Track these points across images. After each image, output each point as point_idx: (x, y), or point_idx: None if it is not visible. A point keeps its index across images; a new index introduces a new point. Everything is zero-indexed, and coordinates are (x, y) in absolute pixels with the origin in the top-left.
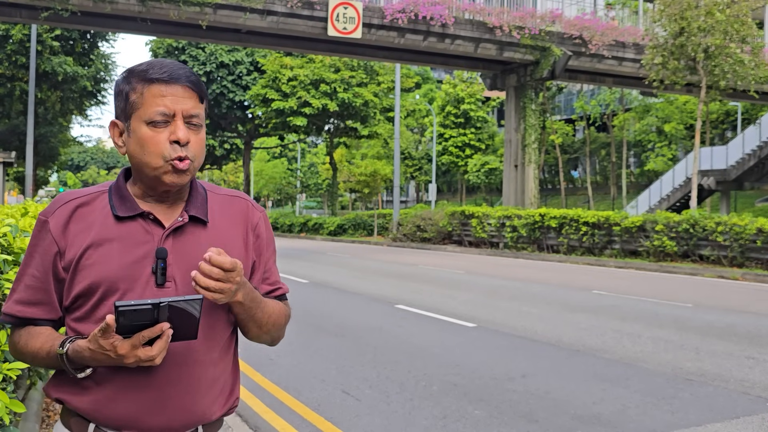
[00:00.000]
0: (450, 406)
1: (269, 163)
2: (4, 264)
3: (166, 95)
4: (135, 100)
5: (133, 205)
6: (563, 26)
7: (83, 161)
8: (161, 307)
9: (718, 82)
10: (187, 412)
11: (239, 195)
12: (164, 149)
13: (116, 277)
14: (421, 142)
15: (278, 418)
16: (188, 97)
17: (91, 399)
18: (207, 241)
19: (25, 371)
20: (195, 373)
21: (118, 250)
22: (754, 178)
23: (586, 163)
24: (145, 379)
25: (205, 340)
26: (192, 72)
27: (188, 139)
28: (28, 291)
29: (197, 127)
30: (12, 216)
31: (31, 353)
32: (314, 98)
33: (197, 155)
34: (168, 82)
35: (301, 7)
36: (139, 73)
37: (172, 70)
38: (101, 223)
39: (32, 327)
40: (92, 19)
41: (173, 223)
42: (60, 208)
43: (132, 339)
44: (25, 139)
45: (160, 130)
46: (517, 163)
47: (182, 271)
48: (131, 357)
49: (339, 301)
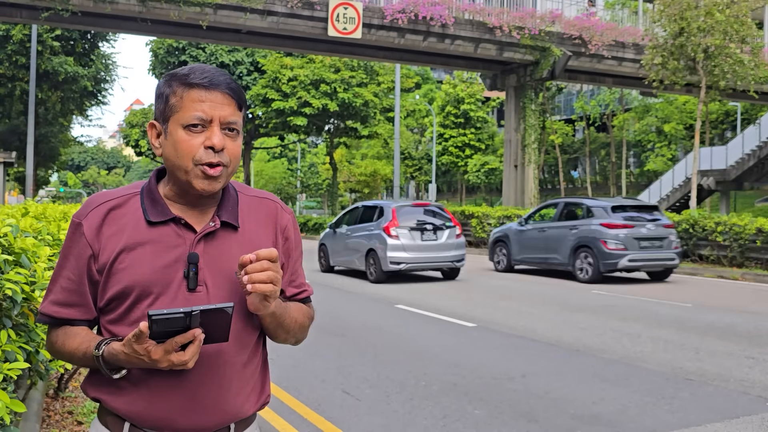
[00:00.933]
0: (450, 406)
1: (269, 163)
2: (5, 264)
3: (205, 100)
4: (174, 103)
5: (164, 209)
6: (563, 26)
7: (84, 161)
8: (193, 315)
9: (718, 82)
10: (219, 412)
11: (269, 197)
12: (197, 152)
13: (149, 282)
14: (421, 142)
15: (278, 417)
16: (227, 104)
17: (126, 399)
18: (238, 246)
19: (26, 371)
20: (227, 374)
21: (150, 254)
22: (753, 178)
23: (585, 163)
24: (178, 381)
25: (236, 343)
26: (232, 79)
27: (223, 146)
28: (64, 293)
29: (234, 133)
30: (12, 216)
31: (68, 353)
32: (314, 98)
33: (232, 161)
34: (208, 88)
35: (301, 7)
36: (180, 77)
37: (213, 76)
38: (133, 227)
39: (69, 327)
40: (92, 19)
41: (204, 227)
42: (93, 211)
43: (165, 345)
44: (26, 139)
45: (196, 134)
46: (517, 163)
47: (213, 276)
48: (165, 361)
49: (339, 301)
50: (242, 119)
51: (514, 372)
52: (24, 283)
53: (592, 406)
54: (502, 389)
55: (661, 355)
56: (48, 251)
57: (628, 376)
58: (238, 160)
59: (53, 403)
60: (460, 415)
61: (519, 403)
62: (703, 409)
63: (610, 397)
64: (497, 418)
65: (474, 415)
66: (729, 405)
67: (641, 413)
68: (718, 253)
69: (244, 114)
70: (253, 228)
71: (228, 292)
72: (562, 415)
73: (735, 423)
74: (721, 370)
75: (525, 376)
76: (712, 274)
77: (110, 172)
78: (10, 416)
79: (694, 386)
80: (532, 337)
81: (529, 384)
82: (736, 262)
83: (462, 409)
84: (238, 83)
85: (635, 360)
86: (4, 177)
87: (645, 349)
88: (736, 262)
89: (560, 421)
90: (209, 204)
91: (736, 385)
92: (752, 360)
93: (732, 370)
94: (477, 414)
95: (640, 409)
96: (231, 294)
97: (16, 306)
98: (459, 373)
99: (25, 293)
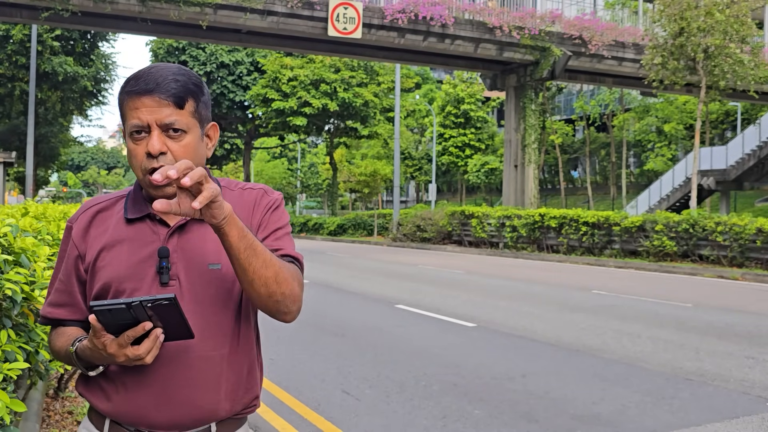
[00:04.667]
0: (450, 406)
1: (269, 163)
2: (5, 264)
3: (139, 107)
4: (122, 112)
5: (143, 206)
6: (563, 26)
7: (84, 161)
8: (134, 306)
9: (718, 82)
10: (192, 408)
11: (254, 187)
12: (142, 161)
13: (124, 277)
14: (421, 142)
15: (278, 417)
16: (163, 106)
17: (104, 396)
18: (212, 238)
19: (26, 371)
20: (198, 369)
21: (127, 250)
22: (753, 178)
23: (585, 163)
24: (148, 376)
25: (209, 337)
26: (174, 77)
27: (161, 150)
28: (56, 294)
29: (179, 133)
30: (12, 216)
31: (57, 352)
32: (314, 98)
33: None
34: (140, 94)
35: (301, 7)
36: (123, 85)
37: (147, 81)
38: (114, 226)
39: (61, 327)
40: (92, 19)
41: (177, 221)
42: (83, 214)
43: (118, 339)
44: (26, 139)
45: (140, 142)
46: (517, 163)
47: (187, 270)
48: (121, 356)
49: (339, 301)
50: (192, 114)
51: (514, 372)
52: (24, 282)
53: (592, 406)
54: (502, 389)
55: (661, 355)
56: (48, 251)
57: (628, 376)
58: (192, 157)
59: (53, 403)
60: (460, 415)
61: (519, 403)
62: (703, 409)
63: (610, 397)
64: (497, 418)
65: (474, 415)
66: (729, 405)
67: (641, 413)
68: (718, 253)
69: (198, 105)
70: None
71: (202, 286)
72: (562, 415)
73: (735, 423)
74: (721, 370)
75: (525, 376)
76: (712, 274)
77: (110, 172)
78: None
79: (694, 386)
80: (532, 337)
81: (529, 384)
82: (736, 262)
83: (462, 409)
84: (186, 75)
85: (635, 360)
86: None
87: (645, 349)
88: (736, 262)
89: (560, 421)
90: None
91: (736, 385)
92: (752, 360)
93: (732, 370)
94: (477, 414)
95: (640, 409)
96: (205, 287)
97: (16, 306)
98: (459, 373)
99: (24, 293)
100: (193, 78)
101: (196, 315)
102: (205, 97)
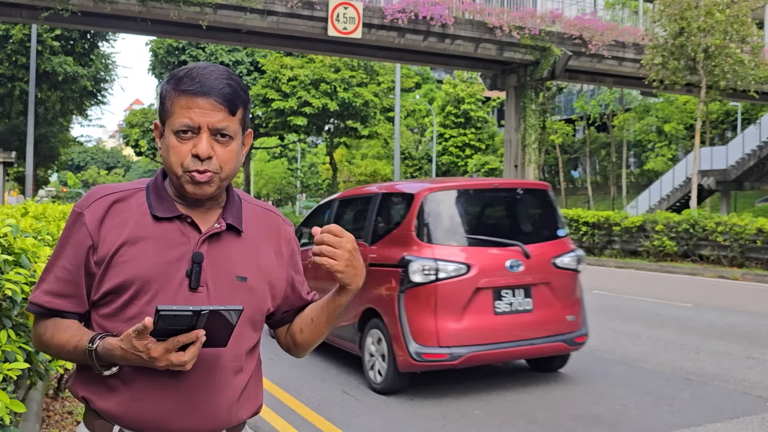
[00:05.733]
0: (450, 406)
1: (269, 163)
2: (5, 264)
3: (192, 107)
4: (168, 107)
5: (171, 206)
6: (563, 26)
7: (83, 161)
8: (201, 315)
9: (718, 82)
10: (212, 417)
11: (271, 209)
12: (185, 160)
13: (150, 277)
14: (421, 142)
15: (278, 417)
16: (217, 111)
17: (116, 399)
18: (241, 250)
19: (26, 371)
20: (222, 379)
21: (153, 249)
22: (754, 178)
23: (586, 163)
24: (172, 382)
25: (233, 348)
26: (228, 82)
27: (209, 154)
28: (59, 283)
29: (226, 139)
30: (12, 216)
31: (57, 346)
32: (314, 98)
33: (225, 167)
34: (196, 95)
35: (301, 7)
36: (175, 81)
37: (203, 82)
38: (137, 221)
39: (59, 319)
40: (92, 19)
41: (210, 228)
42: (96, 202)
43: (166, 343)
44: (26, 139)
45: (185, 141)
46: (517, 163)
47: (215, 278)
48: (163, 360)
49: None
50: (240, 121)
51: (514, 372)
52: (24, 283)
53: (592, 406)
54: (502, 389)
55: (661, 355)
56: (48, 251)
57: (628, 376)
58: (234, 164)
59: (53, 403)
60: (460, 415)
61: (519, 403)
62: (703, 409)
63: (610, 397)
64: (497, 418)
65: (474, 415)
66: (729, 405)
67: (641, 413)
68: (719, 253)
69: (245, 113)
70: (255, 235)
71: (228, 296)
72: (562, 415)
73: (735, 423)
74: (721, 371)
75: (525, 376)
76: (712, 274)
77: (110, 172)
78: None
79: (694, 386)
80: None
81: (529, 384)
82: (737, 262)
83: (462, 409)
84: (237, 82)
85: (635, 360)
86: (4, 177)
87: (645, 349)
88: (737, 262)
89: (560, 421)
90: (213, 207)
91: (736, 385)
92: (752, 360)
93: (732, 371)
94: (477, 414)
95: (640, 409)
96: (230, 298)
97: (16, 306)
98: (459, 373)
99: (24, 293)
100: (242, 84)
101: None
102: (250, 104)
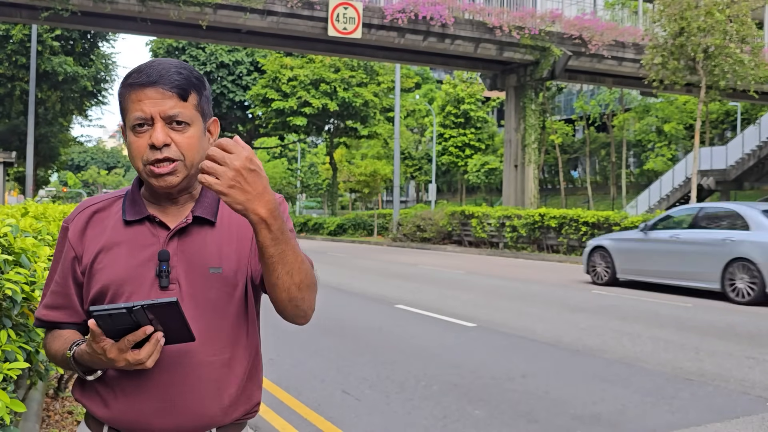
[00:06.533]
0: (450, 406)
1: (269, 163)
2: (5, 264)
3: (142, 99)
4: (124, 106)
5: (140, 208)
6: (563, 26)
7: (83, 161)
8: (135, 311)
9: (718, 82)
10: (195, 415)
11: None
12: (144, 153)
13: (123, 280)
14: (421, 142)
15: (278, 417)
16: (167, 98)
17: (102, 402)
18: (213, 241)
19: (26, 371)
20: (199, 374)
21: (125, 253)
22: (753, 178)
23: (585, 163)
24: (149, 382)
25: (209, 342)
26: (177, 70)
27: (165, 141)
28: (53, 296)
29: (183, 125)
30: (12, 216)
31: (53, 355)
32: (314, 98)
33: (187, 153)
34: (144, 86)
35: (301, 7)
36: (124, 78)
37: (149, 73)
38: (112, 228)
39: (57, 330)
40: (92, 19)
41: (177, 224)
42: (79, 215)
43: (119, 343)
44: (26, 139)
45: (142, 134)
46: (517, 163)
47: (187, 273)
48: (121, 360)
49: (339, 301)
50: (195, 107)
51: (514, 372)
52: (24, 283)
53: (592, 406)
54: (502, 389)
55: (661, 355)
56: (48, 251)
57: (628, 376)
58: (197, 151)
59: (53, 403)
60: (460, 415)
61: (519, 403)
62: (703, 409)
63: (610, 397)
64: (497, 419)
65: (474, 415)
66: (729, 405)
67: (641, 413)
68: None
69: (200, 99)
70: (234, 222)
71: (203, 290)
72: (562, 415)
73: (735, 423)
74: (721, 370)
75: (525, 376)
76: None
77: (110, 172)
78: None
79: (694, 386)
80: (532, 337)
81: (529, 384)
82: None
83: (462, 409)
84: (188, 70)
85: (635, 360)
86: (4, 177)
87: (645, 349)
88: None
89: (560, 421)
90: (187, 201)
91: (736, 385)
92: (752, 360)
93: (732, 370)
94: (477, 414)
95: (640, 409)
96: (206, 291)
97: (16, 306)
98: (459, 373)
99: (25, 293)
100: (195, 72)
101: (196, 319)
102: (207, 91)
